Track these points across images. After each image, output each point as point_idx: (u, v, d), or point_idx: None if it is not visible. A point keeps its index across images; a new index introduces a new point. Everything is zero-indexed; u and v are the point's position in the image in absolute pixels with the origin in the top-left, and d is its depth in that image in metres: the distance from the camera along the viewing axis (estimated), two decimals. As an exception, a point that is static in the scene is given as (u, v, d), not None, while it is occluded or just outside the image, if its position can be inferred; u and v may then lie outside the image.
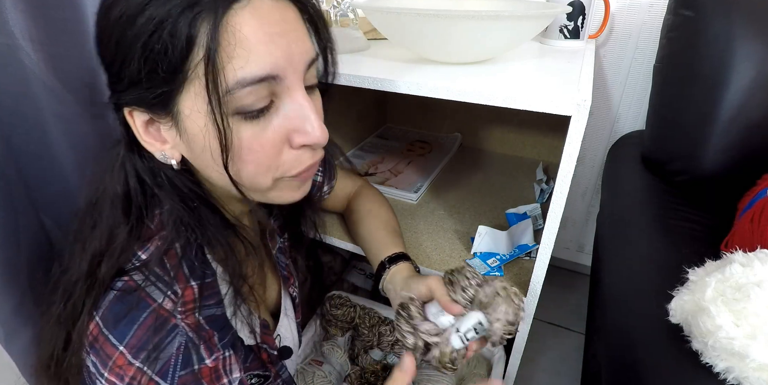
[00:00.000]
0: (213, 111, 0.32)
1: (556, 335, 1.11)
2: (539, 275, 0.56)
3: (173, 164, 0.38)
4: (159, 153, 0.37)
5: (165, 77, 0.32)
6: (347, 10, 0.69)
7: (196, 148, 0.36)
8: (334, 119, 0.97)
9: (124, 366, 0.35)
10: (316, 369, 0.73)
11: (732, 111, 0.68)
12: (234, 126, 0.34)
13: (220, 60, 0.31)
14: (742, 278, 0.43)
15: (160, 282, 0.38)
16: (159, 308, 0.37)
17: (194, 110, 0.33)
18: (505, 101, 0.47)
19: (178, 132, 0.35)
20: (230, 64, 0.32)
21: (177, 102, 0.33)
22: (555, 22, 0.74)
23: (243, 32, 0.31)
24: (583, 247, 1.24)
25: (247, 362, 0.46)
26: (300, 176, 0.40)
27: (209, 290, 0.41)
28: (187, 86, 0.33)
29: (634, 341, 0.52)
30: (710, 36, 0.67)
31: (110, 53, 0.33)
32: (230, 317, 0.43)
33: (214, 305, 0.41)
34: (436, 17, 0.49)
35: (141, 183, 0.39)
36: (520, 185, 0.94)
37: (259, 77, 0.33)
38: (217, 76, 0.31)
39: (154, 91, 0.33)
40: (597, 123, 1.05)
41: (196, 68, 0.32)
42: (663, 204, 0.74)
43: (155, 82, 0.32)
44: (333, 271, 1.01)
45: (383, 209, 0.69)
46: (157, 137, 0.37)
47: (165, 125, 0.35)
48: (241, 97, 0.33)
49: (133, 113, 0.35)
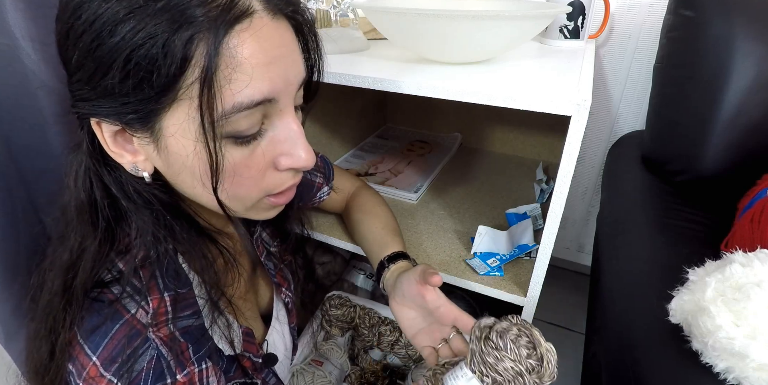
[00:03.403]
0: (205, 134, 0.31)
1: (556, 335, 1.11)
2: (539, 275, 0.56)
3: (145, 177, 0.36)
4: (129, 165, 0.35)
5: (151, 95, 0.30)
6: (347, 10, 0.69)
7: (175, 166, 0.34)
8: (334, 119, 0.97)
9: (96, 378, 0.34)
10: (316, 369, 0.73)
11: (732, 111, 0.68)
12: (224, 149, 0.33)
13: (217, 83, 0.30)
14: (742, 278, 0.43)
15: (136, 293, 0.37)
16: (132, 320, 0.36)
17: (181, 130, 0.32)
18: (505, 101, 0.47)
19: (156, 148, 0.33)
20: (228, 88, 0.30)
21: (160, 120, 0.31)
22: (555, 22, 0.74)
23: (243, 55, 0.30)
24: (583, 247, 1.24)
25: (231, 372, 0.45)
26: (278, 199, 0.40)
27: (184, 301, 0.39)
28: (176, 106, 0.31)
29: (634, 341, 0.52)
30: (710, 36, 0.67)
31: (78, 57, 0.30)
32: (208, 328, 0.41)
33: (190, 316, 0.40)
34: (437, 17, 0.49)
35: (108, 193, 0.37)
36: (520, 185, 0.94)
37: (257, 101, 0.32)
38: (214, 99, 0.30)
39: (135, 107, 0.31)
40: (597, 123, 1.05)
41: (189, 89, 0.30)
42: (663, 204, 0.74)
43: (137, 98, 0.30)
44: (333, 271, 1.01)
45: (381, 208, 0.69)
46: (128, 149, 0.34)
47: (141, 140, 0.33)
48: (237, 121, 0.32)
49: (102, 124, 0.33)
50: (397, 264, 0.58)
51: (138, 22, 0.28)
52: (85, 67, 0.30)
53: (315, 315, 0.83)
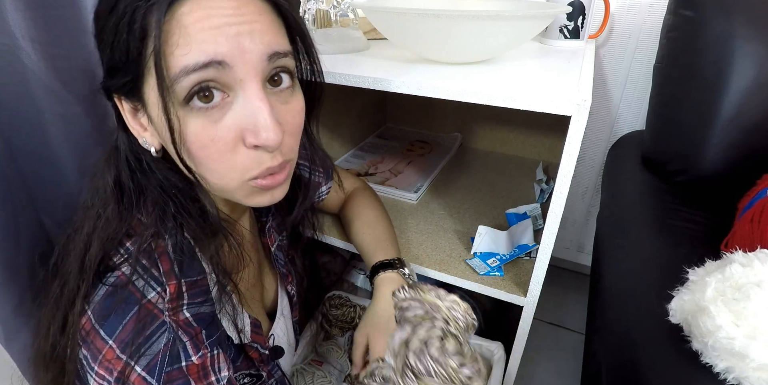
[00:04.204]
0: (162, 100, 0.33)
1: (556, 335, 1.11)
2: (539, 275, 0.56)
3: (152, 152, 0.39)
4: (141, 139, 0.39)
5: (128, 66, 0.33)
6: (347, 10, 0.69)
7: (162, 139, 0.37)
8: (334, 119, 0.97)
9: (113, 360, 0.35)
10: (316, 369, 0.73)
11: (732, 111, 0.68)
12: (184, 118, 0.34)
13: (166, 48, 0.32)
14: (742, 278, 0.43)
15: (150, 277, 0.38)
16: (147, 303, 0.37)
17: (153, 99, 0.34)
18: (505, 101, 0.47)
19: (150, 122, 0.37)
20: (174, 52, 0.32)
21: (144, 91, 0.35)
22: (555, 22, 0.74)
23: (185, 21, 0.32)
24: (583, 247, 1.24)
25: (238, 362, 0.45)
26: (265, 181, 0.39)
27: (197, 287, 0.41)
28: (146, 76, 0.34)
29: (634, 341, 0.52)
30: (710, 36, 0.67)
31: (97, 42, 0.36)
32: (218, 313, 0.42)
33: (202, 303, 0.41)
34: (437, 17, 0.49)
35: (129, 166, 0.40)
36: (520, 185, 0.94)
37: (201, 63, 0.32)
38: (162, 64, 0.32)
39: (123, 79, 0.35)
40: (597, 123, 1.05)
41: (150, 58, 0.32)
42: (663, 204, 0.74)
43: (123, 71, 0.34)
44: (333, 271, 1.01)
45: (373, 211, 0.69)
46: (140, 123, 0.38)
47: (140, 112, 0.37)
48: (187, 86, 0.33)
49: (121, 99, 0.37)
50: (379, 276, 0.59)
51: (124, 2, 0.32)
52: (99, 48, 0.36)
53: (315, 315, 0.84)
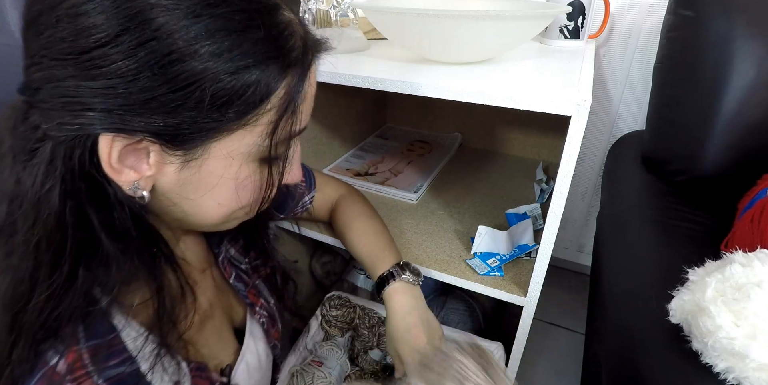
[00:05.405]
0: (269, 158, 0.34)
1: (556, 335, 1.11)
2: (539, 275, 0.56)
3: (145, 196, 0.32)
4: (129, 183, 0.31)
5: (221, 118, 0.29)
6: (347, 10, 0.69)
7: (201, 185, 0.33)
8: (334, 119, 0.97)
9: None
10: (316, 370, 0.73)
11: (732, 111, 0.68)
12: (258, 170, 0.35)
13: (296, 115, 0.33)
14: (742, 278, 0.43)
15: (60, 342, 0.32)
16: (52, 373, 0.31)
17: (230, 152, 0.32)
18: (505, 101, 0.47)
19: (183, 167, 0.31)
20: (296, 118, 0.34)
21: (211, 141, 0.31)
22: (555, 22, 0.74)
23: (310, 92, 0.35)
24: (583, 247, 1.24)
25: None
26: None
27: (110, 348, 0.34)
28: (237, 130, 0.31)
29: (634, 341, 0.52)
30: (710, 36, 0.67)
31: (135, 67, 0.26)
32: (146, 372, 0.36)
33: (120, 364, 0.35)
34: (437, 17, 0.49)
35: (82, 221, 0.31)
36: (520, 185, 0.94)
37: (302, 129, 0.36)
38: (293, 126, 0.34)
39: (195, 126, 0.29)
40: (597, 123, 1.05)
41: (260, 117, 0.31)
42: (663, 204, 0.74)
43: (204, 119, 0.29)
44: (333, 271, 1.01)
45: (363, 219, 0.67)
46: (134, 165, 0.30)
47: (171, 157, 0.30)
48: (282, 146, 0.35)
49: (117, 138, 0.28)
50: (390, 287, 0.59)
51: (232, 46, 0.28)
52: (140, 79, 0.27)
53: (314, 316, 0.84)
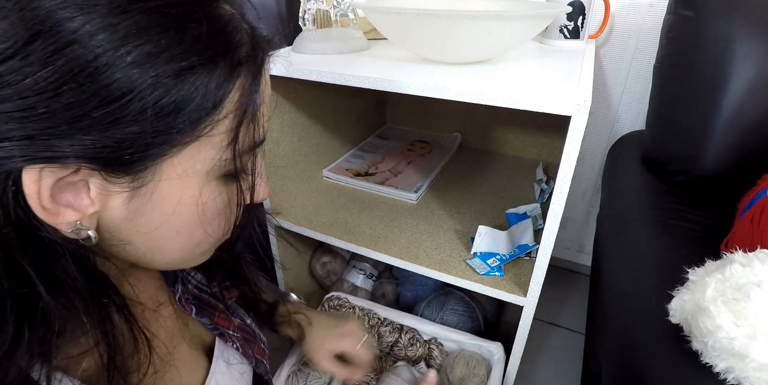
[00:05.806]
0: (236, 172, 0.29)
1: (556, 335, 1.11)
2: (539, 275, 0.56)
3: (91, 236, 0.26)
4: (69, 225, 0.24)
5: (170, 131, 0.24)
6: (347, 10, 0.69)
7: (154, 215, 0.27)
8: (334, 119, 0.97)
9: None
10: (312, 370, 0.73)
11: (732, 111, 0.68)
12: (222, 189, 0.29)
13: (255, 120, 0.28)
14: (742, 278, 0.43)
15: None
16: None
17: (185, 171, 0.26)
18: (505, 101, 0.47)
19: (132, 195, 0.25)
20: (254, 125, 0.28)
21: (162, 160, 0.25)
22: (555, 22, 0.74)
23: (266, 93, 0.29)
24: (583, 247, 1.24)
25: None
26: None
27: None
28: (191, 144, 0.25)
29: (634, 341, 0.52)
30: (710, 36, 0.67)
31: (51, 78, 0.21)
32: None
33: None
34: (437, 17, 0.50)
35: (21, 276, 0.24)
36: (520, 185, 0.94)
37: (263, 138, 0.30)
38: (255, 132, 0.28)
39: (137, 146, 0.23)
40: (597, 123, 1.05)
41: (214, 126, 0.26)
42: (663, 204, 0.74)
43: (147, 135, 0.23)
44: (333, 271, 1.01)
45: None
46: (70, 203, 0.24)
47: (117, 186, 0.25)
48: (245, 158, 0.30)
49: (45, 170, 0.22)
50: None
51: (171, 44, 0.23)
52: (64, 93, 0.21)
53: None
